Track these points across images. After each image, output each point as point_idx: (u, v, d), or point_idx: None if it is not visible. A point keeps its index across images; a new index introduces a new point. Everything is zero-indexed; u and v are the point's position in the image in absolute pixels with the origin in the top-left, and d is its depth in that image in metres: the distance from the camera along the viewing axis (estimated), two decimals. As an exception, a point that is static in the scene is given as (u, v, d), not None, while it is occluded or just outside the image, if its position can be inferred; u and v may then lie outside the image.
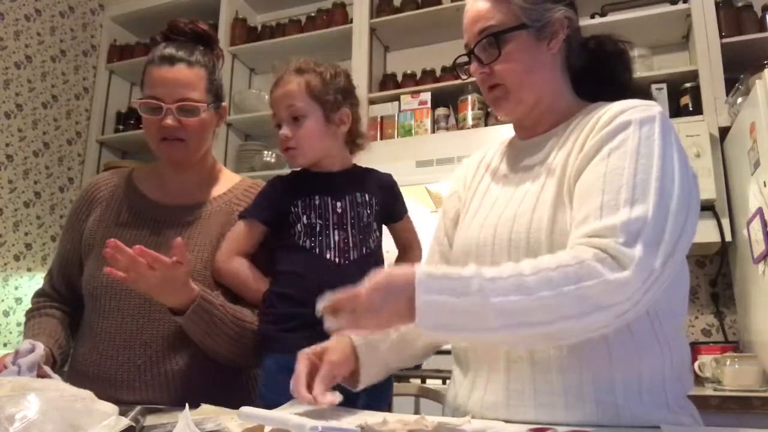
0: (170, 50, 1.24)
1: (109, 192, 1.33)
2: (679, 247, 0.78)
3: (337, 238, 1.20)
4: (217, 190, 1.33)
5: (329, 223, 1.21)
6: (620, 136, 0.85)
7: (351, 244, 1.21)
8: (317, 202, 1.22)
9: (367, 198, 1.26)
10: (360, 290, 0.76)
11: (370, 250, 1.23)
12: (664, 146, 0.83)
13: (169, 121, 1.20)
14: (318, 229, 1.21)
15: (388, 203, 1.32)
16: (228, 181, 1.37)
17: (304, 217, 1.21)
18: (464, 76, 1.05)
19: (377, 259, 1.26)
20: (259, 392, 1.18)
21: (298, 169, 1.30)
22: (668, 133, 0.85)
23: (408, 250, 1.38)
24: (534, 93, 0.98)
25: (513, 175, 1.02)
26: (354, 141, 1.32)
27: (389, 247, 3.03)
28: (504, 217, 0.95)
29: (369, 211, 1.25)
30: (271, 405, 0.90)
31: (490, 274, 0.75)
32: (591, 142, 0.88)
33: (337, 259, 1.19)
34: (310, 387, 0.89)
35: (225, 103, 1.34)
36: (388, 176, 1.36)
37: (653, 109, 0.87)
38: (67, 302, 1.32)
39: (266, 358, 1.17)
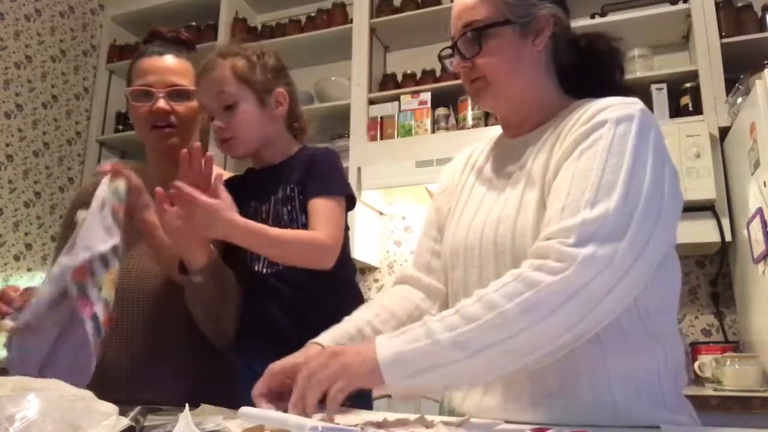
0: (157, 46, 1.27)
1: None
2: (651, 247, 0.76)
3: None
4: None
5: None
6: (593, 136, 0.83)
7: None
8: (251, 210, 1.16)
9: (288, 191, 1.14)
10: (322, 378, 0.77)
11: None
12: (638, 144, 0.81)
13: (160, 104, 1.21)
14: None
15: (304, 185, 1.14)
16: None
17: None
18: (450, 68, 1.03)
19: None
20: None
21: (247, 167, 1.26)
22: (646, 130, 0.83)
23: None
24: (515, 88, 0.97)
25: (498, 177, 1.01)
26: (292, 124, 1.23)
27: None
28: (489, 220, 0.94)
29: (290, 207, 1.14)
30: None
31: (436, 317, 0.77)
32: (567, 141, 0.87)
33: (265, 270, 1.14)
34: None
35: None
36: (312, 155, 1.18)
37: (633, 107, 0.85)
38: None
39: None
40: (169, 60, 1.25)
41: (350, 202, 1.17)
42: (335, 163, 1.18)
